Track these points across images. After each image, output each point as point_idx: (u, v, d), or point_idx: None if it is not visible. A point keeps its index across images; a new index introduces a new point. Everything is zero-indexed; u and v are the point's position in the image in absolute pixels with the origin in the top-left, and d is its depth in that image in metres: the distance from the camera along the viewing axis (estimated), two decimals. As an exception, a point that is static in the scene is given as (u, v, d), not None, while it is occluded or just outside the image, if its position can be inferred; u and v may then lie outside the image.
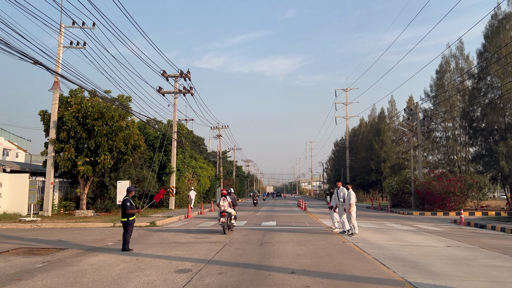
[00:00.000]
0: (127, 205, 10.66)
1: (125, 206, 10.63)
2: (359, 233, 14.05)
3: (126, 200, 10.70)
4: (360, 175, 65.91)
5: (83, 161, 22.12)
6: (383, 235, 14.05)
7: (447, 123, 41.64)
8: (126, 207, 10.66)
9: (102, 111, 22.26)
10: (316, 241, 11.98)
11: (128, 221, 10.70)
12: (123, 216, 10.63)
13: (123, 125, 23.23)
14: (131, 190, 10.95)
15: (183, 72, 28.75)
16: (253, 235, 13.64)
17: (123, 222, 10.53)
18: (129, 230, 10.61)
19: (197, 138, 46.62)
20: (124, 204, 10.62)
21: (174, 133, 29.19)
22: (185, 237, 13.10)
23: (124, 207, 10.64)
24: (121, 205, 10.69)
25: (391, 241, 12.36)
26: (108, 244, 11.59)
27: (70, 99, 22.80)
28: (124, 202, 10.67)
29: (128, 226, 10.65)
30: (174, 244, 11.54)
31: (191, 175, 35.64)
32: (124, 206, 10.64)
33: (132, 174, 25.28)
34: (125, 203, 10.63)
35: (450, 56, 41.69)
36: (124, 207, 10.61)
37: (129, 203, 10.75)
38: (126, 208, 10.65)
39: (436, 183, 30.45)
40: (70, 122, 21.83)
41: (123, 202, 10.67)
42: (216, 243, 11.49)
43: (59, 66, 21.96)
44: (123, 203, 10.64)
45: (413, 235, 14.13)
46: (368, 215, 26.08)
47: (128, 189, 10.97)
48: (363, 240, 12.30)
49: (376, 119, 68.11)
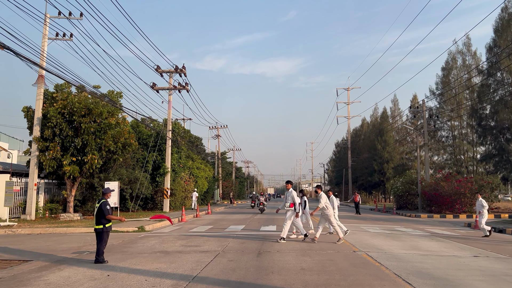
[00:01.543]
0: (106, 209, 9.12)
1: (103, 210, 9.08)
2: (371, 239, 12.49)
3: (104, 203, 9.17)
4: (362, 176, 64.34)
5: (70, 161, 20.62)
6: (396, 241, 12.51)
7: (454, 121, 40.11)
8: (105, 212, 9.13)
9: (89, 107, 20.76)
10: (322, 250, 10.43)
11: (104, 229, 9.17)
12: (98, 223, 9.06)
13: (112, 122, 21.73)
14: (107, 191, 9.43)
15: (178, 67, 27.26)
16: (251, 242, 12.10)
17: (98, 230, 8.98)
18: (104, 239, 9.08)
19: (195, 138, 45.12)
20: (102, 209, 9.07)
21: (169, 132, 27.67)
22: (174, 245, 11.57)
23: (102, 212, 9.09)
24: (97, 209, 9.11)
25: (408, 249, 10.82)
26: (83, 254, 10.07)
27: (56, 94, 21.31)
28: (101, 205, 9.12)
29: (103, 234, 9.11)
30: (159, 254, 10.01)
31: (187, 176, 34.11)
32: (102, 211, 9.08)
33: (123, 175, 23.78)
34: (103, 206, 9.09)
35: (457, 53, 40.19)
36: (101, 212, 9.06)
37: (108, 206, 9.24)
38: (105, 212, 9.12)
39: (445, 184, 28.88)
40: (55, 118, 20.34)
41: (100, 206, 9.11)
42: (207, 253, 9.96)
43: (43, 59, 20.45)
44: (100, 207, 9.08)
45: (430, 242, 12.58)
46: (374, 218, 24.53)
47: (104, 191, 9.45)
48: (376, 249, 10.75)
49: (378, 119, 66.55)
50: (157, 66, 27.23)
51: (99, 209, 9.11)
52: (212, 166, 55.97)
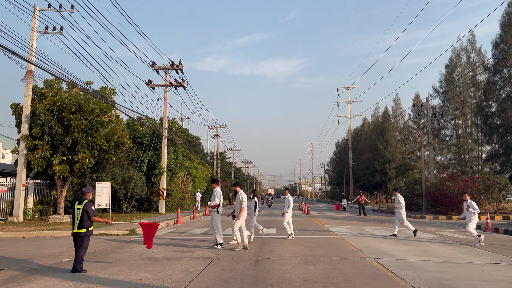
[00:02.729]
0: (91, 210, 8.22)
1: (88, 212, 8.17)
2: (378, 243, 11.54)
3: (89, 204, 8.27)
4: (363, 176, 63.32)
5: (60, 160, 19.66)
6: (406, 246, 11.54)
7: (458, 120, 39.12)
8: (91, 213, 8.22)
9: (80, 104, 19.79)
10: (327, 256, 9.46)
11: (87, 233, 8.27)
12: (81, 226, 8.13)
13: (105, 120, 20.76)
14: (88, 191, 8.52)
15: (174, 63, 26.29)
16: (249, 246, 11.13)
17: (80, 234, 8.08)
18: (86, 245, 8.15)
19: (193, 137, 44.16)
20: (87, 210, 8.15)
21: (165, 130, 26.70)
22: (164, 250, 10.60)
23: (87, 213, 8.17)
24: (80, 211, 8.13)
25: (421, 255, 9.85)
26: (61, 261, 9.11)
27: (45, 90, 20.36)
28: (86, 206, 8.20)
29: (85, 239, 8.21)
30: (146, 261, 9.04)
31: (185, 176, 33.15)
32: (87, 213, 8.17)
33: (116, 175, 22.81)
34: (88, 207, 8.17)
35: (461, 50, 39.17)
36: (86, 213, 8.13)
37: (93, 207, 8.34)
38: (90, 214, 8.21)
39: (451, 184, 27.91)
40: (43, 115, 19.37)
41: (85, 207, 8.18)
42: (199, 260, 8.99)
43: (32, 53, 19.49)
44: (84, 209, 8.15)
45: (443, 246, 11.61)
46: (378, 220, 23.56)
47: (84, 191, 8.51)
48: (386, 255, 9.78)
49: (379, 118, 65.53)
50: (153, 62, 26.28)
51: (84, 210, 8.19)
52: (211, 166, 54.98)
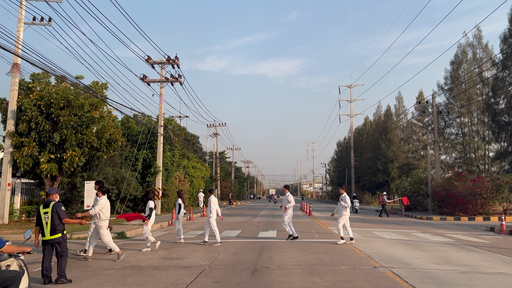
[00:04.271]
0: (62, 211, 7.24)
1: (59, 213, 7.15)
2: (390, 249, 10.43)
3: (59, 205, 7.27)
4: (365, 176, 62.21)
5: (47, 158, 18.56)
6: (421, 252, 10.41)
7: (464, 118, 37.99)
8: (62, 215, 7.22)
9: (69, 99, 18.69)
10: (335, 265, 8.34)
11: (64, 236, 7.28)
12: (55, 231, 7.10)
13: (95, 116, 19.66)
14: (53, 192, 7.51)
15: (170, 57, 25.18)
16: (245, 253, 10.02)
17: (55, 241, 7.07)
18: (66, 251, 7.27)
19: (191, 135, 43.03)
20: (58, 211, 7.15)
21: (161, 127, 25.59)
22: (151, 257, 9.49)
23: (58, 215, 7.15)
24: (49, 214, 7.11)
25: (440, 263, 8.73)
26: (32, 271, 7.98)
27: (32, 84, 19.27)
28: (55, 208, 7.18)
29: (63, 245, 7.23)
30: (129, 270, 7.94)
31: (182, 175, 32.06)
32: (58, 214, 7.15)
33: (108, 174, 21.70)
34: (58, 209, 7.17)
35: (467, 45, 38.06)
36: (56, 216, 7.12)
37: (63, 208, 7.36)
38: (61, 215, 7.19)
39: (459, 184, 26.76)
40: (30, 111, 18.25)
41: (54, 209, 7.16)
42: (188, 270, 7.88)
43: (19, 45, 18.38)
44: (54, 211, 7.13)
45: (461, 252, 10.49)
46: (383, 221, 22.45)
47: (48, 192, 7.52)
48: (401, 263, 8.66)
49: (382, 117, 64.39)
50: (148, 56, 25.18)
51: (53, 213, 7.18)
52: (210, 165, 53.88)
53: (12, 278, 4.08)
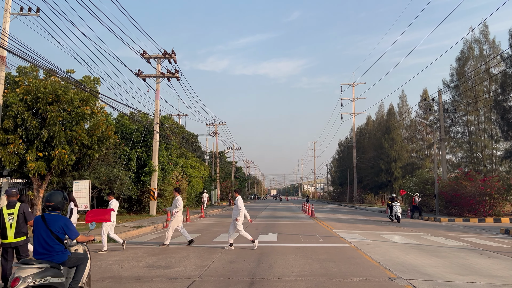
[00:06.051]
0: (28, 212, 6.64)
1: (25, 215, 6.55)
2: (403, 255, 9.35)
3: (25, 206, 6.64)
4: (368, 176, 61.04)
5: (35, 156, 17.50)
6: (438, 259, 9.33)
7: (470, 116, 36.86)
8: (29, 217, 6.62)
9: (57, 93, 17.62)
10: (344, 276, 7.27)
11: (27, 240, 6.62)
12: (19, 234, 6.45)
13: (86, 112, 18.57)
14: (10, 193, 6.67)
15: (166, 52, 24.13)
16: (243, 260, 8.96)
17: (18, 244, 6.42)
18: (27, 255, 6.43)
19: (190, 134, 41.98)
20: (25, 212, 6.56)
21: (156, 125, 24.54)
22: (136, 265, 8.43)
23: (24, 216, 6.54)
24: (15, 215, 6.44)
25: (463, 273, 7.65)
26: (-5, 283, 6.92)
27: (19, 78, 18.21)
28: (22, 209, 6.57)
29: (26, 250, 6.58)
30: (107, 282, 6.88)
31: (180, 175, 30.99)
32: (24, 215, 6.54)
33: (100, 173, 20.66)
34: (25, 209, 6.57)
35: (474, 41, 36.91)
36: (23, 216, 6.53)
37: (30, 209, 6.64)
38: (28, 217, 6.60)
39: (467, 184, 25.65)
40: (16, 106, 17.16)
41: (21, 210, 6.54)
42: (176, 282, 6.81)
43: (5, 37, 17.35)
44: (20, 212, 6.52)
45: (483, 259, 9.41)
46: (390, 223, 21.34)
47: (9, 193, 6.74)
48: (419, 273, 7.59)
49: (384, 116, 63.19)
50: (143, 51, 24.14)
51: (20, 214, 6.51)
52: (210, 165, 52.83)
53: (82, 259, 5.18)
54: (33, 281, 4.38)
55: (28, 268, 4.48)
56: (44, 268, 4.56)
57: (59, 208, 5.03)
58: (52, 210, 5.00)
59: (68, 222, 4.97)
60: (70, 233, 4.94)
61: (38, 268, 4.51)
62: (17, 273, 4.43)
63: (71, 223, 5.03)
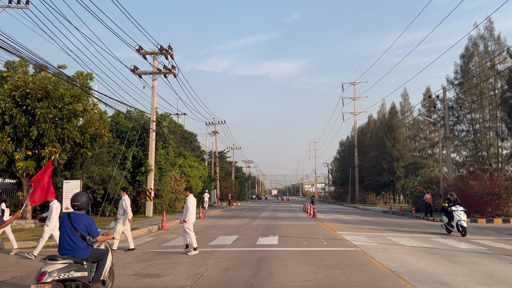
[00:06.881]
0: None
1: None
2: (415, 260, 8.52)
3: None
4: (370, 176, 60.16)
5: (24, 155, 16.73)
6: (454, 265, 8.50)
7: (475, 114, 36.00)
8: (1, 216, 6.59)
9: (47, 89, 16.83)
10: (353, 286, 6.44)
11: None
12: None
13: (78, 109, 17.80)
14: None
15: (163, 47, 23.32)
16: (240, 267, 8.13)
17: None
18: None
19: (189, 133, 41.17)
20: None
21: (153, 123, 23.72)
22: (123, 273, 7.61)
23: None
24: None
25: (486, 283, 6.83)
26: None
27: (7, 73, 17.41)
28: None
29: None
30: (85, 295, 6.03)
31: (178, 175, 30.17)
32: None
33: (93, 173, 19.85)
34: None
35: (478, 37, 36.05)
36: None
37: None
38: None
39: (474, 183, 24.81)
40: (3, 102, 16.39)
41: None
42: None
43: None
44: None
45: (505, 265, 8.58)
46: (394, 223, 20.51)
47: None
48: (437, 282, 6.77)
49: (386, 115, 62.33)
50: (139, 46, 23.33)
51: None
52: (209, 165, 52.02)
53: (103, 254, 5.58)
54: (58, 275, 4.73)
55: (53, 263, 4.84)
56: (68, 264, 4.92)
57: (84, 208, 5.42)
58: (77, 209, 5.37)
59: (91, 222, 5.31)
60: (92, 232, 5.33)
61: (62, 264, 4.87)
62: (43, 268, 4.77)
63: (94, 222, 5.34)
